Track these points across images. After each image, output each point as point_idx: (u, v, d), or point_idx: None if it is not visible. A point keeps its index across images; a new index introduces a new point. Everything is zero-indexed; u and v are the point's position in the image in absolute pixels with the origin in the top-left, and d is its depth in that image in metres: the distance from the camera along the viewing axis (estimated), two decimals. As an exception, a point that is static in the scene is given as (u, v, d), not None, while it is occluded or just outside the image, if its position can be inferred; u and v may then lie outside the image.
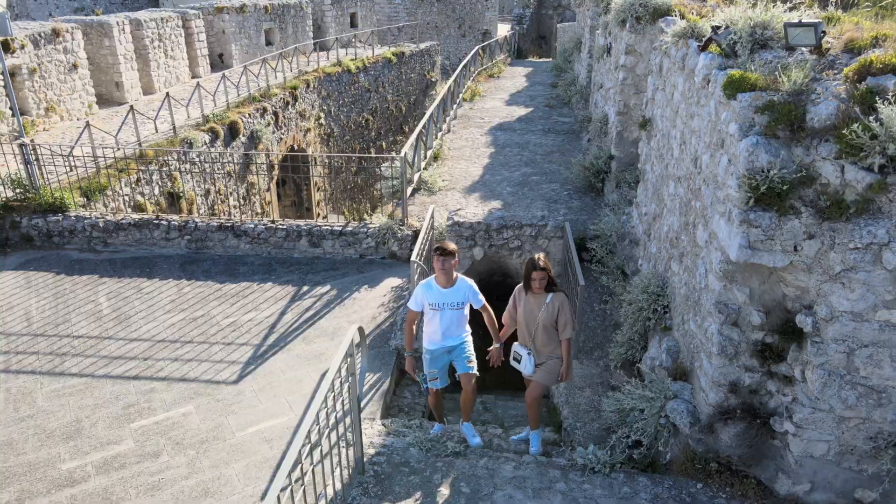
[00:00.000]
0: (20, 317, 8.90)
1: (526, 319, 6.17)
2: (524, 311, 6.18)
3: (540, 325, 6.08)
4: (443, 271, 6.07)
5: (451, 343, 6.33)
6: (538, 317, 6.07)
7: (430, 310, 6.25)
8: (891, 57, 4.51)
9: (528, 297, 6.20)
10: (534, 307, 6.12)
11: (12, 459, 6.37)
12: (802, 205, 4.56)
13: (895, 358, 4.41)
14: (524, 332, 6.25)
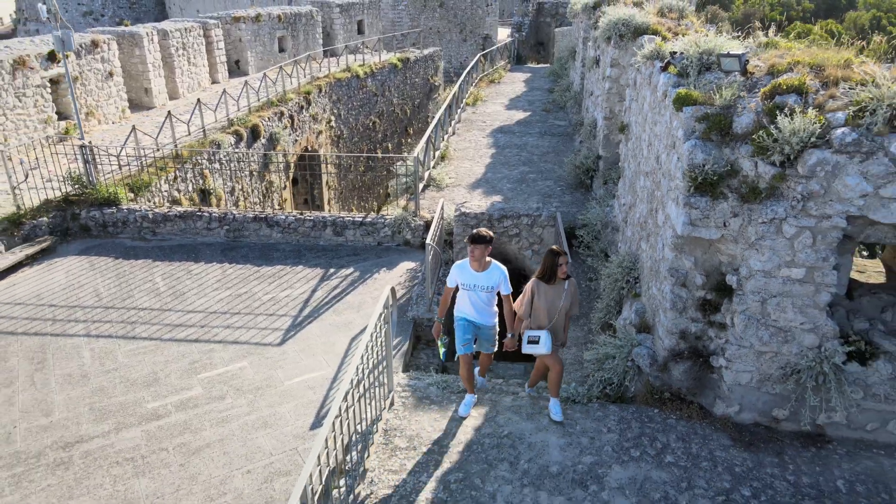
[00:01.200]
0: (91, 293, 10.41)
1: (548, 308, 6.59)
2: (545, 301, 6.59)
3: (562, 311, 6.61)
4: (473, 258, 6.52)
5: (481, 321, 6.79)
6: (560, 305, 6.58)
7: (462, 289, 6.73)
8: (795, 80, 6.03)
9: (547, 288, 6.61)
10: (554, 296, 6.59)
11: (106, 401, 7.87)
12: (729, 191, 6.06)
13: (796, 305, 5.92)
14: (543, 319, 6.63)
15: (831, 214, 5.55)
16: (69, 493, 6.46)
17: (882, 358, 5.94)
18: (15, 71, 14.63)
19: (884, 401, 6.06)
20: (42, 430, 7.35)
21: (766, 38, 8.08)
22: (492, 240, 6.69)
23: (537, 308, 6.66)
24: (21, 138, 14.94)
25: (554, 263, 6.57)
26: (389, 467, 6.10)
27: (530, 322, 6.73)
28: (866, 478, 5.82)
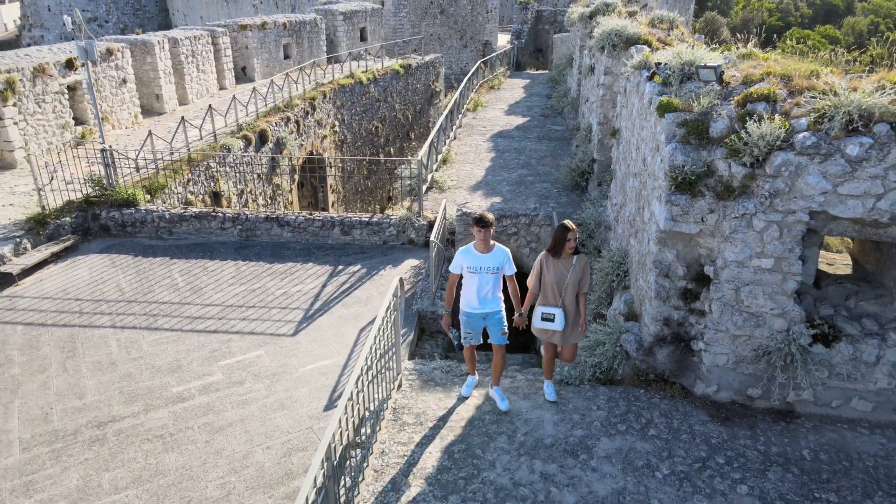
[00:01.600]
0: (114, 288, 11.04)
1: (556, 281, 6.89)
2: (554, 274, 6.90)
3: (570, 285, 6.90)
4: (482, 240, 6.82)
5: (487, 309, 6.99)
6: (568, 278, 6.88)
7: (468, 272, 6.91)
8: (765, 90, 6.68)
9: (556, 262, 6.94)
10: (563, 270, 6.89)
11: (134, 385, 8.50)
12: (706, 190, 6.70)
13: (766, 292, 6.55)
14: (553, 294, 6.94)
15: (795, 210, 6.19)
16: (105, 465, 7.08)
17: (844, 340, 6.57)
18: (35, 78, 15.29)
19: (846, 379, 6.69)
20: (76, 411, 7.97)
21: (744, 50, 8.73)
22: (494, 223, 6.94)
23: (546, 281, 6.94)
24: (40, 143, 15.59)
25: (563, 238, 6.83)
26: (399, 440, 6.72)
27: (542, 298, 7.01)
28: (829, 448, 6.45)
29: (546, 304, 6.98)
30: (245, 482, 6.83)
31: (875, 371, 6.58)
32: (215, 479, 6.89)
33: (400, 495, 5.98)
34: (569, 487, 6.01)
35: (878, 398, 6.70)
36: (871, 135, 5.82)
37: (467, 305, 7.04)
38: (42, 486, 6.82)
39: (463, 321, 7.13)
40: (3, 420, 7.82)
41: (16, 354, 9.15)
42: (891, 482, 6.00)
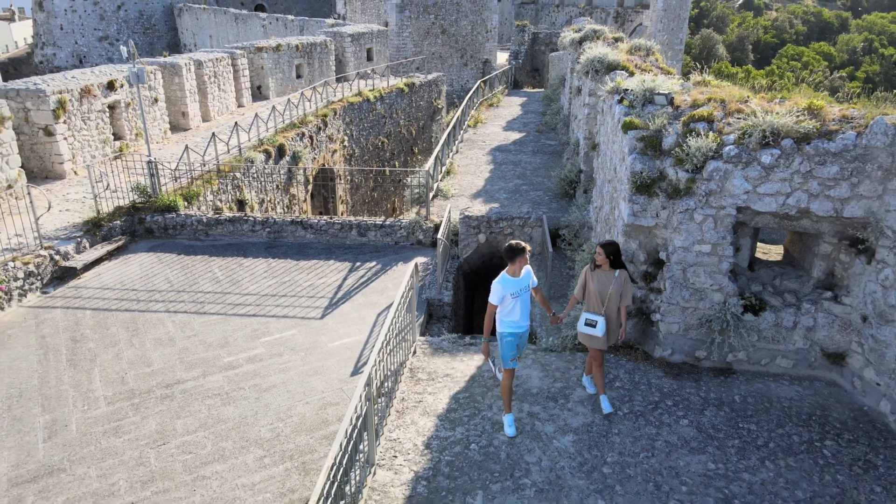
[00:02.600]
0: (163, 280, 12.77)
1: (599, 291, 7.62)
2: (597, 285, 7.64)
3: (612, 296, 7.59)
4: (517, 265, 7.30)
5: (527, 323, 7.53)
6: (610, 289, 7.59)
7: (511, 299, 7.31)
8: (705, 112, 8.44)
9: (598, 273, 7.69)
10: (605, 281, 7.62)
11: (191, 356, 10.19)
12: (659, 191, 8.44)
13: (706, 271, 8.27)
14: (596, 302, 7.66)
15: (725, 206, 7.93)
16: (176, 415, 8.76)
17: (769, 310, 8.29)
18: (82, 98, 17.09)
19: (771, 342, 8.40)
20: (147, 376, 9.67)
21: (699, 77, 10.51)
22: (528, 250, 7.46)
23: (590, 291, 7.70)
24: (85, 156, 17.37)
25: (612, 252, 7.59)
26: (414, 391, 8.43)
27: (587, 306, 7.79)
28: (756, 394, 8.15)
29: (590, 311, 7.76)
30: (290, 427, 8.51)
31: (793, 334, 8.30)
32: (266, 424, 8.57)
33: (418, 427, 7.68)
34: (549, 421, 7.71)
35: (797, 356, 8.41)
36: (780, 147, 7.58)
37: (514, 326, 7.44)
38: (128, 429, 8.50)
39: (509, 342, 7.46)
40: (88, 382, 9.51)
41: (89, 333, 10.86)
42: (799, 417, 7.70)
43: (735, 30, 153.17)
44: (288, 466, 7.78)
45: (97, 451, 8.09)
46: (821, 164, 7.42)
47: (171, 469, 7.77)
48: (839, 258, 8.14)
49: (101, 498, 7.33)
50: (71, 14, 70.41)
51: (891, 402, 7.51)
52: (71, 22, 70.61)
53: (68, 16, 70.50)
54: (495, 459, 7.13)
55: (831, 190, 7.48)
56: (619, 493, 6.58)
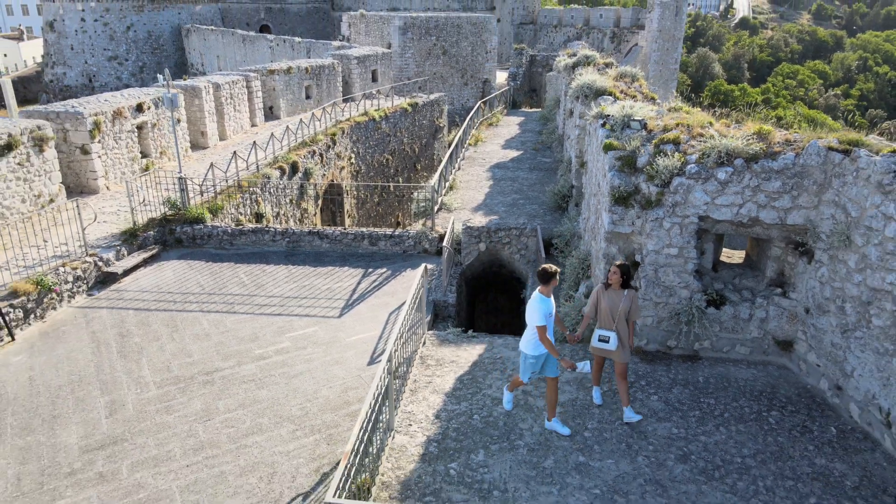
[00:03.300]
0: (195, 284, 14.16)
1: (610, 308, 8.30)
2: (608, 304, 8.33)
3: (622, 313, 8.26)
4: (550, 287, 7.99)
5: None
6: (620, 307, 8.27)
7: (548, 318, 7.92)
8: (672, 136, 9.89)
9: (609, 293, 8.37)
10: (616, 300, 8.31)
11: (226, 349, 11.56)
12: (634, 203, 9.86)
13: (674, 271, 9.67)
14: (608, 319, 8.33)
15: (689, 215, 9.36)
16: (217, 396, 10.12)
17: (728, 304, 9.69)
18: (114, 119, 18.57)
19: (731, 332, 9.79)
20: (189, 365, 11.04)
21: (674, 104, 11.98)
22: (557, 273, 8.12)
23: (602, 309, 8.38)
24: (115, 173, 18.82)
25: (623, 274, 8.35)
26: (425, 374, 9.80)
27: (599, 323, 8.47)
28: (717, 376, 9.53)
29: (602, 327, 8.43)
30: (317, 406, 9.87)
31: (749, 325, 9.69)
32: (296, 405, 9.93)
33: (429, 402, 9.05)
34: (540, 398, 9.08)
35: (753, 344, 9.79)
36: (733, 166, 9.01)
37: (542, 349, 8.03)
38: (176, 408, 9.86)
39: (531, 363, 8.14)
40: (138, 370, 10.88)
41: (134, 329, 12.24)
42: (752, 393, 9.07)
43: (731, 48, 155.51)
44: (317, 438, 9.13)
45: (152, 425, 9.45)
46: (766, 180, 8.85)
47: (217, 440, 9.12)
48: (787, 260, 9.55)
49: (161, 462, 8.68)
50: (81, 35, 72.19)
51: (828, 380, 8.88)
52: (81, 42, 72.37)
53: (78, 36, 72.27)
54: (494, 426, 8.50)
55: (776, 201, 8.91)
56: (596, 451, 7.95)
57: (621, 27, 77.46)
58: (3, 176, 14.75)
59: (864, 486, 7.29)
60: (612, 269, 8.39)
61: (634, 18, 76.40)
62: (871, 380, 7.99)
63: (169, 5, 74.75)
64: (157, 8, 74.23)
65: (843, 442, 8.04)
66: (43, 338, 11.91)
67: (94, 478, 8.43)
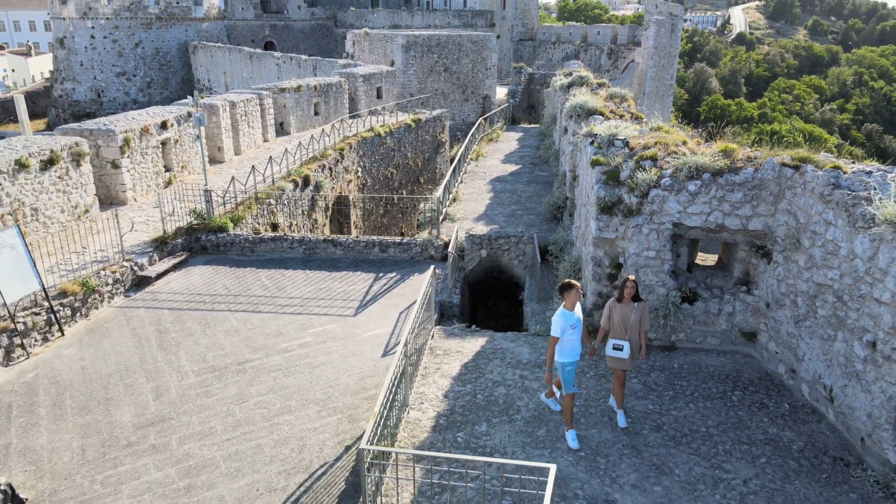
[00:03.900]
0: (221, 287, 15.51)
1: (622, 320, 8.94)
2: (621, 316, 8.96)
3: (633, 324, 8.90)
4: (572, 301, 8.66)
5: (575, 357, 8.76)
6: (631, 319, 8.94)
7: (570, 330, 8.54)
8: (651, 152, 11.28)
9: (621, 306, 8.99)
10: (627, 312, 8.95)
11: (254, 343, 12.89)
12: (618, 212, 11.24)
13: (653, 271, 11.03)
14: (621, 329, 8.95)
15: (664, 222, 10.73)
16: (250, 383, 11.44)
17: (700, 300, 11.04)
18: (141, 136, 20.00)
19: (703, 325, 11.14)
20: (222, 356, 12.37)
21: (656, 124, 13.39)
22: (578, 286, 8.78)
23: (614, 320, 9.01)
24: (142, 186, 20.23)
25: (623, 286, 9.10)
26: (434, 362, 11.14)
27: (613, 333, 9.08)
28: (690, 363, 10.87)
29: (616, 337, 9.05)
30: (338, 391, 11.19)
31: (719, 319, 11.04)
32: (319, 390, 11.25)
33: (438, 385, 10.39)
34: (534, 380, 10.42)
35: (722, 336, 11.14)
36: (701, 179, 10.40)
37: (574, 355, 8.75)
38: (214, 392, 11.18)
39: (570, 371, 8.73)
40: (177, 360, 12.20)
41: (170, 326, 13.58)
42: (720, 377, 10.40)
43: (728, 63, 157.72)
44: (339, 417, 10.46)
45: (194, 406, 10.78)
46: (730, 191, 10.24)
47: (252, 418, 10.45)
48: (751, 261, 10.92)
49: (204, 437, 10.00)
50: (90, 51, 73.73)
51: (784, 365, 10.22)
52: (90, 58, 73.93)
53: (88, 53, 73.80)
54: (495, 404, 9.84)
55: (738, 210, 10.30)
56: (582, 423, 9.28)
57: (618, 44, 79.29)
58: (45, 188, 16.15)
59: (807, 449, 8.63)
60: (629, 284, 8.97)
61: (631, 35, 78.20)
62: (817, 362, 9.33)
63: (176, 23, 76.35)
64: (164, 25, 75.81)
65: (793, 415, 9.38)
66: (89, 333, 13.26)
67: (148, 449, 9.75)
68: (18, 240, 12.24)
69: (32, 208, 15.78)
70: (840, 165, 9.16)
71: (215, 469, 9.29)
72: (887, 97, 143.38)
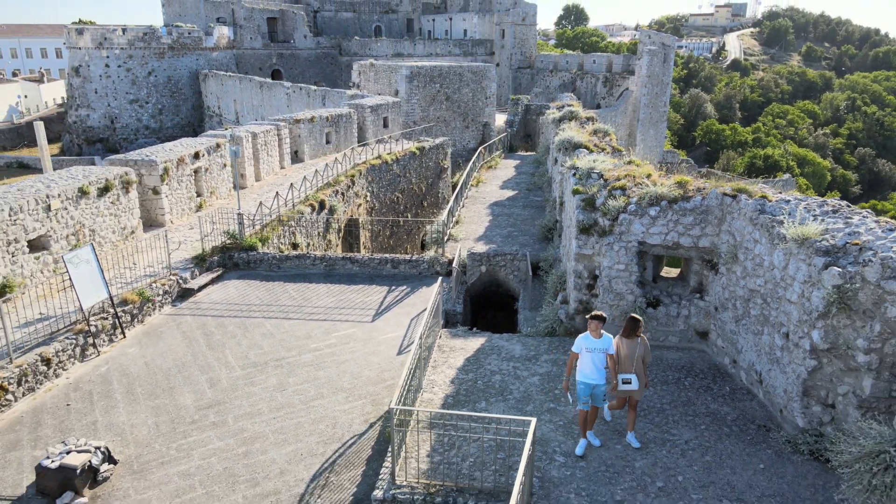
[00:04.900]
0: (255, 298, 17.81)
1: (629, 354, 9.96)
2: (628, 351, 9.98)
3: (638, 358, 9.97)
4: (596, 330, 9.85)
5: (594, 381, 9.78)
6: (636, 353, 9.99)
7: (585, 352, 9.75)
8: (621, 183, 13.66)
9: (628, 342, 10.03)
10: (633, 347, 10.01)
11: (287, 344, 15.16)
12: (594, 232, 13.58)
13: (623, 281, 13.34)
14: (628, 363, 9.94)
15: (631, 241, 13.08)
16: (287, 375, 13.70)
17: (662, 305, 13.34)
18: (178, 165, 22.44)
19: (665, 325, 13.42)
20: (262, 354, 14.64)
21: (628, 158, 15.79)
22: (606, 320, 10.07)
23: (622, 356, 9.98)
24: (177, 209, 22.62)
25: (634, 325, 10.11)
26: (441, 356, 13.42)
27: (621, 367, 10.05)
28: (654, 357, 13.10)
29: (624, 371, 10.02)
30: (362, 382, 13.46)
31: (677, 321, 13.34)
32: (346, 381, 13.51)
33: (445, 374, 12.66)
34: (525, 370, 12.70)
35: (681, 335, 13.43)
36: (660, 206, 12.76)
37: (584, 377, 9.83)
38: (258, 382, 13.44)
39: (581, 389, 9.88)
40: (224, 357, 14.47)
41: (214, 330, 15.87)
42: (676, 367, 12.68)
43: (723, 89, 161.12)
44: (364, 402, 12.71)
45: (243, 393, 13.04)
46: (683, 216, 12.60)
47: (292, 402, 12.70)
48: (703, 273, 13.24)
49: (254, 416, 12.24)
50: (105, 79, 76.51)
51: (728, 357, 12.49)
52: (105, 86, 76.72)
53: (102, 80, 76.55)
54: (492, 388, 12.12)
55: (690, 231, 12.64)
56: (562, 402, 11.55)
57: (613, 72, 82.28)
58: (101, 212, 18.53)
59: (739, 419, 10.89)
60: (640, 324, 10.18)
61: (625, 64, 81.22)
62: (751, 353, 11.61)
63: (188, 52, 79.22)
64: (176, 54, 78.65)
65: (732, 395, 11.65)
66: (146, 336, 15.55)
67: (209, 425, 11.99)
68: (92, 256, 14.58)
69: (90, 229, 18.14)
70: (766, 195, 11.54)
71: (266, 440, 11.53)
72: (880, 122, 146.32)
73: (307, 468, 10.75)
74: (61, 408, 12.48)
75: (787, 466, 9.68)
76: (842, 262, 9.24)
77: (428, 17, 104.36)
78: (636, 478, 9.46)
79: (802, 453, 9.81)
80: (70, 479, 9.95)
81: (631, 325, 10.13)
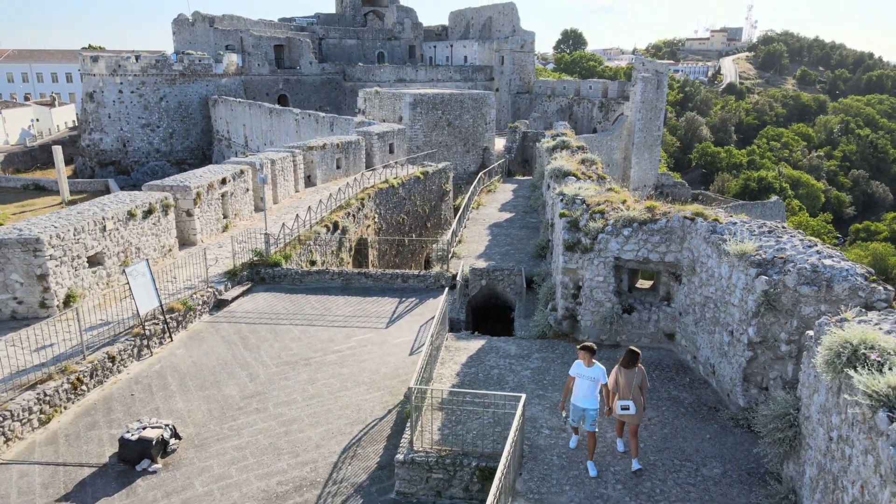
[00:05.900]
0: (281, 308, 20.15)
1: (627, 383, 10.62)
2: (626, 379, 10.64)
3: (636, 386, 10.66)
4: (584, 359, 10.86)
5: (584, 405, 10.74)
6: (634, 381, 10.66)
7: (577, 378, 10.78)
8: (601, 208, 16.08)
9: (626, 371, 10.68)
10: (631, 376, 10.69)
11: (314, 346, 17.47)
12: (578, 249, 15.96)
13: (602, 291, 15.69)
14: (626, 391, 10.59)
15: (608, 257, 15.45)
16: (316, 371, 16.02)
17: (636, 311, 15.68)
18: (208, 190, 24.89)
19: (639, 329, 15.75)
20: (292, 354, 16.96)
21: (610, 186, 18.22)
22: (595, 351, 10.87)
23: (621, 384, 10.70)
24: (207, 230, 25.02)
25: (633, 357, 10.78)
26: (447, 354, 15.75)
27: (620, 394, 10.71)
28: (628, 355, 15.44)
29: (623, 398, 10.69)
30: (379, 377, 15.78)
31: (649, 324, 15.68)
32: (366, 376, 15.83)
33: (452, 369, 14.99)
34: (519, 365, 15.03)
35: (652, 336, 15.76)
36: (632, 227, 15.16)
37: (577, 401, 10.93)
38: (291, 377, 15.76)
39: (570, 408, 11.12)
40: (260, 357, 16.79)
41: (249, 335, 18.19)
42: (647, 363, 14.96)
43: (718, 112, 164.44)
44: (382, 392, 15.03)
45: (278, 386, 15.35)
46: (651, 235, 15.00)
47: (321, 392, 15.02)
48: (670, 283, 15.60)
49: (290, 404, 14.55)
50: (118, 105, 79.26)
51: (689, 354, 14.81)
52: (118, 111, 79.50)
53: (116, 106, 79.31)
54: (491, 379, 14.44)
55: (657, 248, 15.03)
56: (549, 390, 13.86)
57: (609, 97, 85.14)
58: (145, 232, 20.95)
59: (694, 403, 13.21)
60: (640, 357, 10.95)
61: (621, 90, 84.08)
62: (707, 349, 13.95)
63: (198, 78, 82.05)
64: (187, 81, 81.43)
65: (691, 385, 13.97)
66: (190, 339, 17.88)
67: (253, 411, 14.30)
68: (147, 270, 16.95)
69: (136, 247, 20.54)
70: (718, 218, 13.95)
71: (302, 422, 13.83)
72: (873, 144, 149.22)
73: (338, 443, 13.05)
74: (127, 397, 14.79)
75: (728, 437, 11.99)
76: (770, 272, 11.62)
77: (430, 43, 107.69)
78: (606, 444, 11.75)
79: (742, 427, 12.12)
80: (147, 448, 12.26)
81: (630, 357, 10.83)
